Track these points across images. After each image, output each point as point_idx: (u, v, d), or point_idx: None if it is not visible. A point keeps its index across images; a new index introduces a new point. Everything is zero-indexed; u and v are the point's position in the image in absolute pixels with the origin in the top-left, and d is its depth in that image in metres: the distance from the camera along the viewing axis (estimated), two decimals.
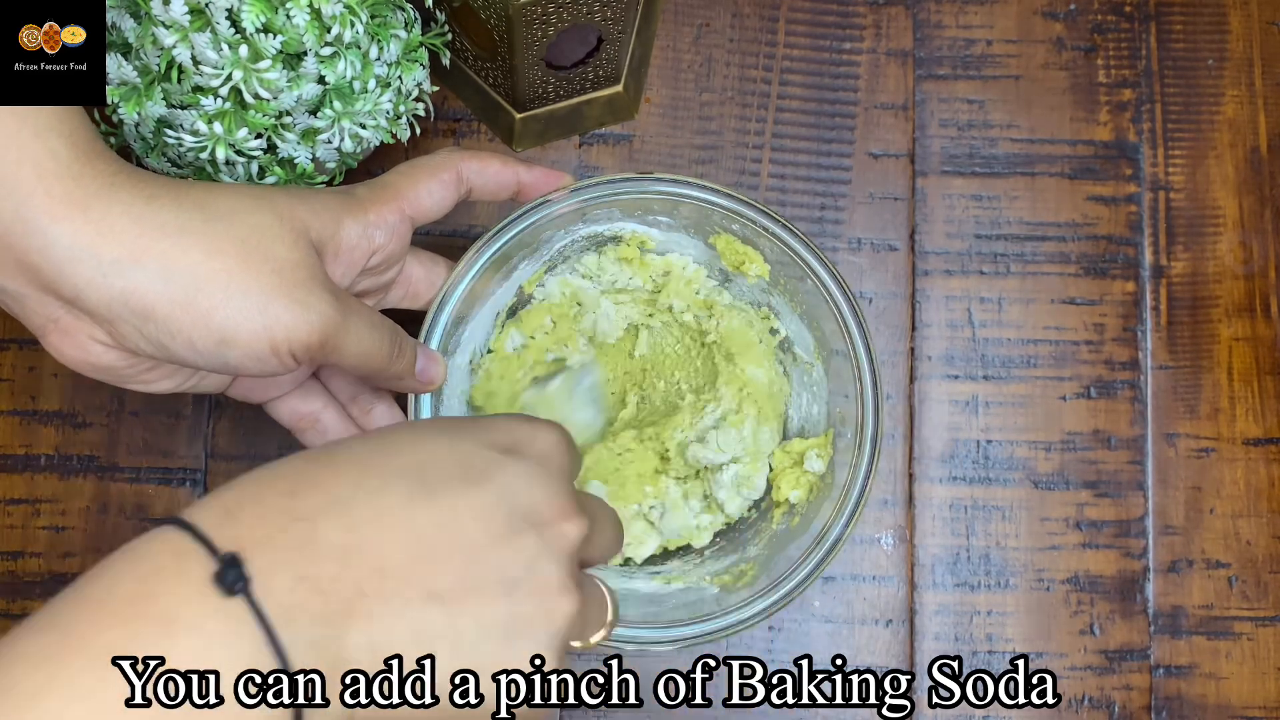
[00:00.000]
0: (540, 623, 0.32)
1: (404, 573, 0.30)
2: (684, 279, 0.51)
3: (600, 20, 0.48)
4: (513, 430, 0.35)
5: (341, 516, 0.30)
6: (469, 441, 0.34)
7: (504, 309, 0.50)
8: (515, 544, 0.32)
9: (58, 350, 0.37)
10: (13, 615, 0.52)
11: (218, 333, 0.36)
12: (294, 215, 0.38)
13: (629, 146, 0.56)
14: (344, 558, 0.30)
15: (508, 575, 0.32)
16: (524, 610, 0.32)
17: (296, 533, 0.30)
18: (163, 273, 0.35)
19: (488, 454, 0.33)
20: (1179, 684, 0.53)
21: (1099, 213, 0.56)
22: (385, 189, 0.42)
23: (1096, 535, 0.54)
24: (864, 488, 0.45)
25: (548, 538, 0.33)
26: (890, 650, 0.53)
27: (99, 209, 0.34)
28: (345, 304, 0.39)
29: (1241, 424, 0.55)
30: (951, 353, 0.55)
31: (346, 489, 0.31)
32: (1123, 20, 0.58)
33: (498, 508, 0.32)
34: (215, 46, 0.40)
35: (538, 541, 0.32)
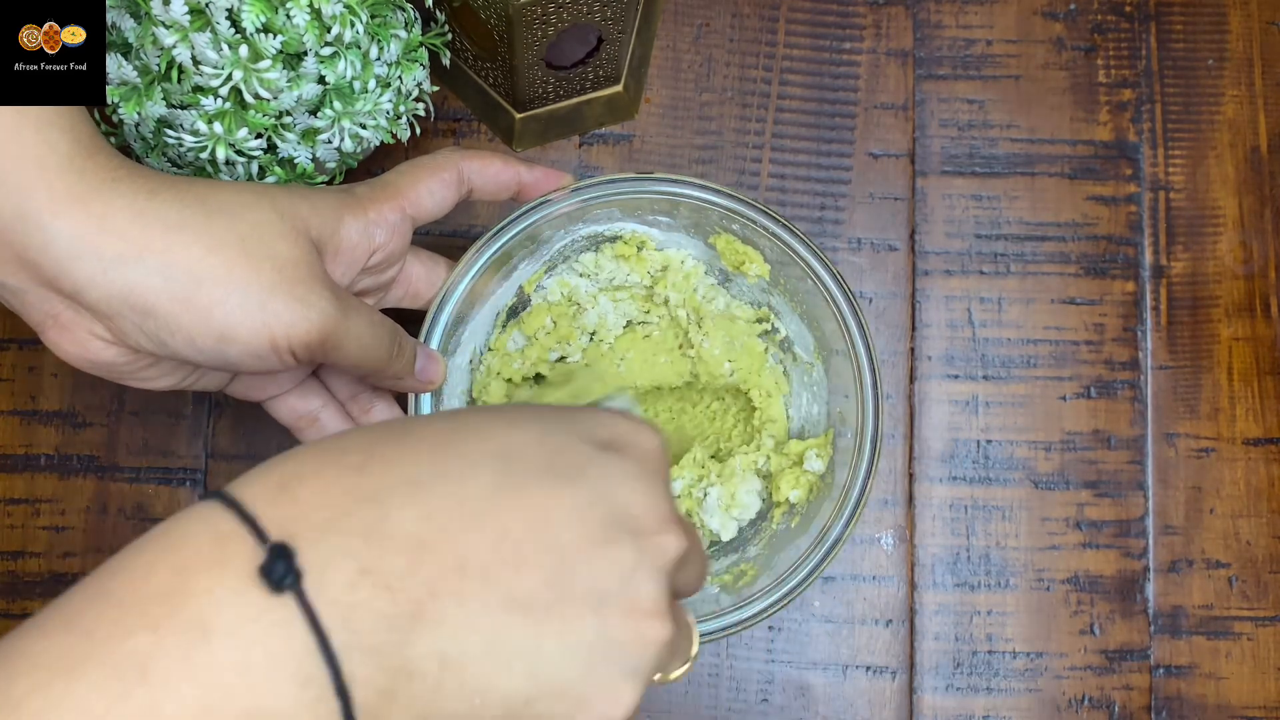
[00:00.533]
0: (631, 650, 0.28)
1: (484, 573, 0.26)
2: (682, 272, 0.51)
3: (600, 20, 0.48)
4: (614, 425, 0.31)
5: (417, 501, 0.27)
6: (564, 432, 0.30)
7: (504, 309, 0.50)
8: (611, 553, 0.28)
9: (57, 346, 0.37)
10: (13, 615, 0.52)
11: (218, 329, 0.36)
12: (295, 213, 0.38)
13: (629, 146, 0.56)
14: (418, 550, 0.26)
15: (600, 587, 0.28)
16: (614, 632, 0.28)
17: (363, 516, 0.26)
18: (163, 269, 0.35)
19: (585, 448, 0.29)
20: (1179, 684, 0.53)
21: (1099, 213, 0.56)
22: (386, 188, 0.42)
23: (1096, 535, 0.54)
24: (864, 488, 0.45)
25: (647, 550, 0.29)
26: (890, 650, 0.53)
27: (100, 204, 0.34)
28: (345, 302, 0.39)
29: (1241, 424, 0.55)
30: (951, 353, 0.55)
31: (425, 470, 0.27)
32: (1123, 20, 0.58)
33: (593, 509, 0.28)
34: (215, 46, 0.40)
35: (636, 553, 0.28)
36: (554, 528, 0.28)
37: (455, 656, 0.26)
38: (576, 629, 0.27)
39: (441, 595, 0.26)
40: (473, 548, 0.27)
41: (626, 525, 0.29)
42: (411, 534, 0.26)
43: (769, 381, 0.52)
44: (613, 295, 0.52)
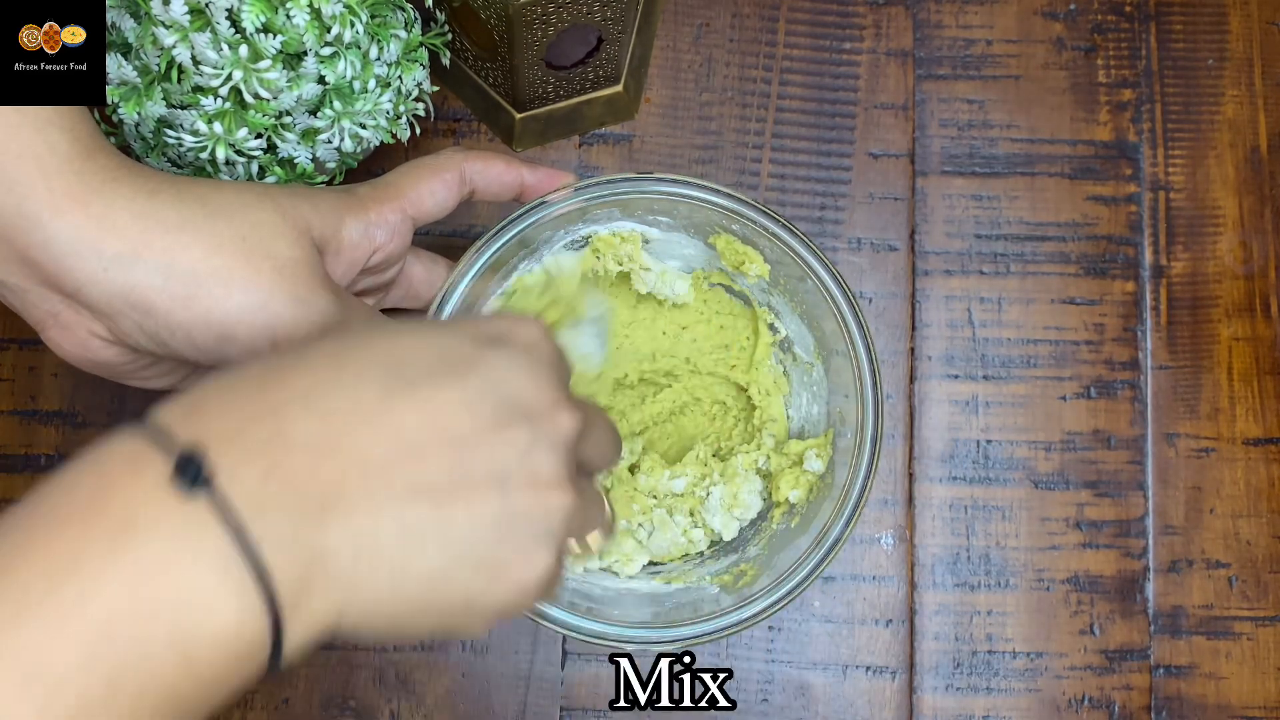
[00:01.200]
0: (537, 519, 0.30)
1: (386, 467, 0.28)
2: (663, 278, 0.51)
3: (600, 20, 0.48)
4: (495, 324, 0.33)
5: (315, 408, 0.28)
6: (449, 335, 0.31)
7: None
8: (505, 435, 0.30)
9: (57, 345, 0.37)
10: None
11: (218, 328, 0.36)
12: (296, 213, 0.38)
13: (629, 146, 0.56)
14: (319, 450, 0.27)
15: (499, 468, 0.29)
16: (518, 504, 0.30)
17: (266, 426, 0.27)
18: (164, 268, 0.35)
19: (471, 346, 0.31)
20: (1179, 684, 0.53)
21: (1099, 213, 0.56)
22: (387, 188, 0.42)
23: (1096, 535, 0.54)
24: (864, 488, 0.45)
25: (541, 429, 0.30)
26: (890, 650, 0.53)
27: (100, 204, 0.35)
28: (346, 302, 0.39)
29: (1241, 424, 0.55)
30: (951, 353, 0.55)
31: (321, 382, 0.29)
32: (1123, 20, 0.58)
33: (484, 398, 0.30)
34: (215, 46, 0.40)
35: (530, 432, 0.30)
36: (448, 420, 0.29)
37: (368, 543, 0.28)
38: (481, 505, 0.29)
39: (347, 489, 0.27)
40: (372, 446, 0.28)
41: (519, 410, 0.30)
42: (312, 438, 0.28)
43: (768, 381, 0.52)
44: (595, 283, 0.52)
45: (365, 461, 0.28)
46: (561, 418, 0.31)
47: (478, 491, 0.29)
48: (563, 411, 0.31)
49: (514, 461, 0.30)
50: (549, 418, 0.31)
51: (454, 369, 0.30)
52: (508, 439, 0.30)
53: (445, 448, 0.29)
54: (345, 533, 0.27)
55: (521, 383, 0.31)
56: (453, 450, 0.29)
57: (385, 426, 0.28)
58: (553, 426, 0.31)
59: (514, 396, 0.30)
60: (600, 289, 0.52)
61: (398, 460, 0.28)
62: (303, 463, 0.27)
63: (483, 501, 0.29)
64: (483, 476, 0.29)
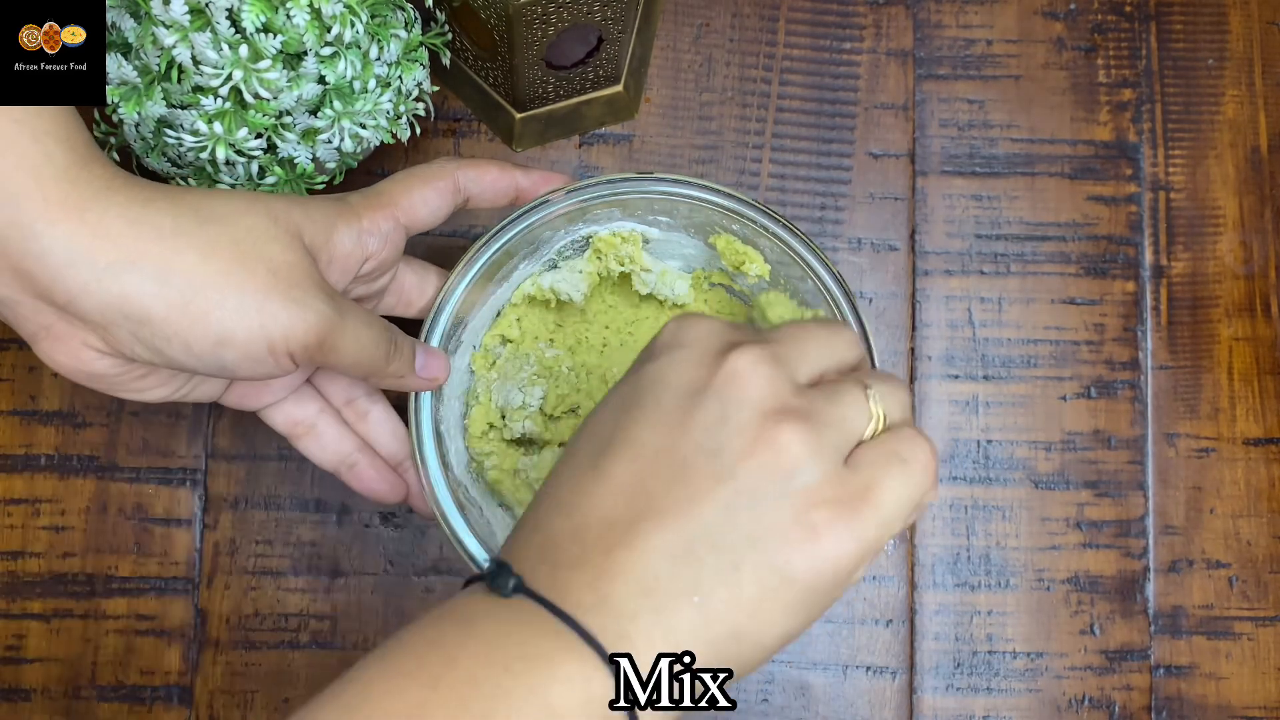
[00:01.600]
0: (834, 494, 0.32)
1: (710, 557, 0.31)
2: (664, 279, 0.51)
3: (600, 20, 0.48)
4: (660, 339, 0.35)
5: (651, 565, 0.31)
6: (680, 365, 0.33)
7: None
8: (721, 429, 0.32)
9: (50, 358, 0.37)
10: (13, 615, 0.52)
11: (214, 334, 0.36)
12: (289, 218, 0.38)
13: (629, 146, 0.56)
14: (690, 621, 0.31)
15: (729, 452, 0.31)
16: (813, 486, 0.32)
17: (636, 598, 0.31)
18: (158, 275, 0.35)
19: (697, 366, 0.33)
20: (1179, 684, 0.53)
21: (1099, 213, 0.56)
22: (380, 196, 0.42)
23: (1096, 535, 0.54)
24: None
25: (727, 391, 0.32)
26: (890, 650, 0.53)
27: (95, 213, 0.34)
28: (341, 304, 0.39)
29: (1242, 424, 0.55)
30: (951, 353, 0.55)
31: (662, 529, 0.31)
32: (1123, 20, 0.58)
33: (737, 410, 0.32)
34: (215, 46, 0.40)
35: (721, 405, 0.32)
36: (711, 443, 0.32)
37: (750, 648, 0.31)
38: (771, 524, 0.31)
39: (679, 601, 0.31)
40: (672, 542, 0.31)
41: (768, 411, 0.32)
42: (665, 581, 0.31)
43: None
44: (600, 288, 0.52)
45: (697, 581, 0.31)
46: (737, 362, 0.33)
47: (757, 508, 0.31)
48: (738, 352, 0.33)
49: (730, 439, 0.32)
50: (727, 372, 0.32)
51: (695, 397, 0.32)
52: (723, 429, 0.32)
53: (707, 475, 0.32)
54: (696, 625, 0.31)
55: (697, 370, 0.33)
56: (725, 492, 0.31)
57: (691, 517, 0.31)
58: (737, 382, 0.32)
59: (754, 399, 0.32)
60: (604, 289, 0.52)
61: (708, 545, 0.31)
62: (682, 623, 0.31)
63: (772, 518, 0.31)
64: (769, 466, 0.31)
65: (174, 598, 0.52)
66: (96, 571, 0.52)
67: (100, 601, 0.52)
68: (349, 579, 0.53)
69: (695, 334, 0.34)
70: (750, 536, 0.31)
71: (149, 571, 0.52)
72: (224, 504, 0.53)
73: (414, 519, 0.53)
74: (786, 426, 0.32)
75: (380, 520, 0.53)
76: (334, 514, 0.53)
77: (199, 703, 0.52)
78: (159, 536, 0.53)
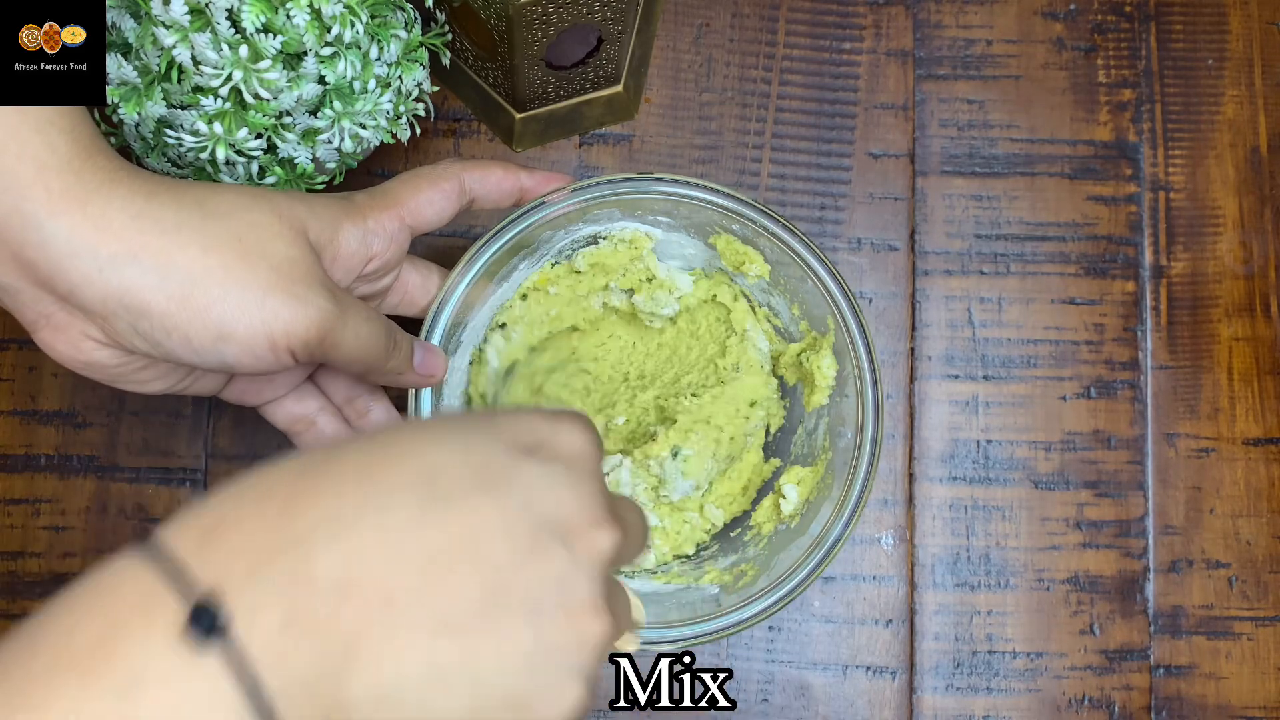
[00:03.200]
0: (571, 651, 0.28)
1: (412, 601, 0.26)
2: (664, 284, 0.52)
3: (600, 20, 0.48)
4: (534, 428, 0.31)
5: (339, 539, 0.26)
6: (485, 442, 0.29)
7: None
8: (542, 561, 0.28)
9: (50, 347, 0.37)
10: (13, 615, 0.52)
11: (215, 328, 0.36)
12: (292, 214, 0.38)
13: (629, 146, 0.56)
14: (343, 590, 0.26)
15: (533, 596, 0.27)
16: (551, 636, 0.28)
17: (287, 561, 0.26)
18: (159, 269, 0.35)
19: (508, 458, 0.29)
20: (1179, 684, 0.53)
21: (1099, 213, 0.56)
22: (385, 196, 0.42)
23: (1096, 535, 0.54)
24: (864, 488, 0.45)
25: (579, 551, 0.28)
26: (890, 650, 0.53)
27: (98, 205, 0.34)
28: (342, 300, 0.39)
29: (1241, 424, 0.55)
30: (951, 353, 0.55)
31: (347, 504, 0.27)
32: (1123, 20, 0.58)
33: (520, 519, 0.28)
34: (215, 46, 0.40)
35: (567, 556, 0.28)
36: (482, 544, 0.27)
37: (391, 690, 0.26)
38: (512, 640, 0.27)
39: (370, 632, 0.26)
40: (399, 578, 0.26)
41: (556, 530, 0.28)
42: (336, 575, 0.26)
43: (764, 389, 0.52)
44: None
45: (390, 597, 0.26)
46: (600, 536, 0.29)
47: (509, 623, 0.27)
48: (601, 529, 0.29)
49: (550, 589, 0.28)
50: (588, 537, 0.29)
51: (489, 484, 0.28)
52: (544, 564, 0.28)
53: (476, 575, 0.27)
54: (367, 682, 0.26)
55: (560, 499, 0.29)
56: (484, 578, 0.27)
57: (413, 554, 0.27)
58: (591, 546, 0.29)
59: (551, 515, 0.28)
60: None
61: (425, 592, 0.26)
62: (325, 606, 0.26)
63: (514, 635, 0.27)
64: (515, 606, 0.27)
65: None
66: None
67: None
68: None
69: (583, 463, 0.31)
70: (516, 697, 0.28)
71: None
72: None
73: None
74: (595, 622, 0.29)
75: None
76: None
77: None
78: None
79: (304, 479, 0.28)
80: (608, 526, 0.29)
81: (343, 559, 0.26)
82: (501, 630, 0.27)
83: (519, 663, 0.27)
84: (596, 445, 0.32)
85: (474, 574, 0.27)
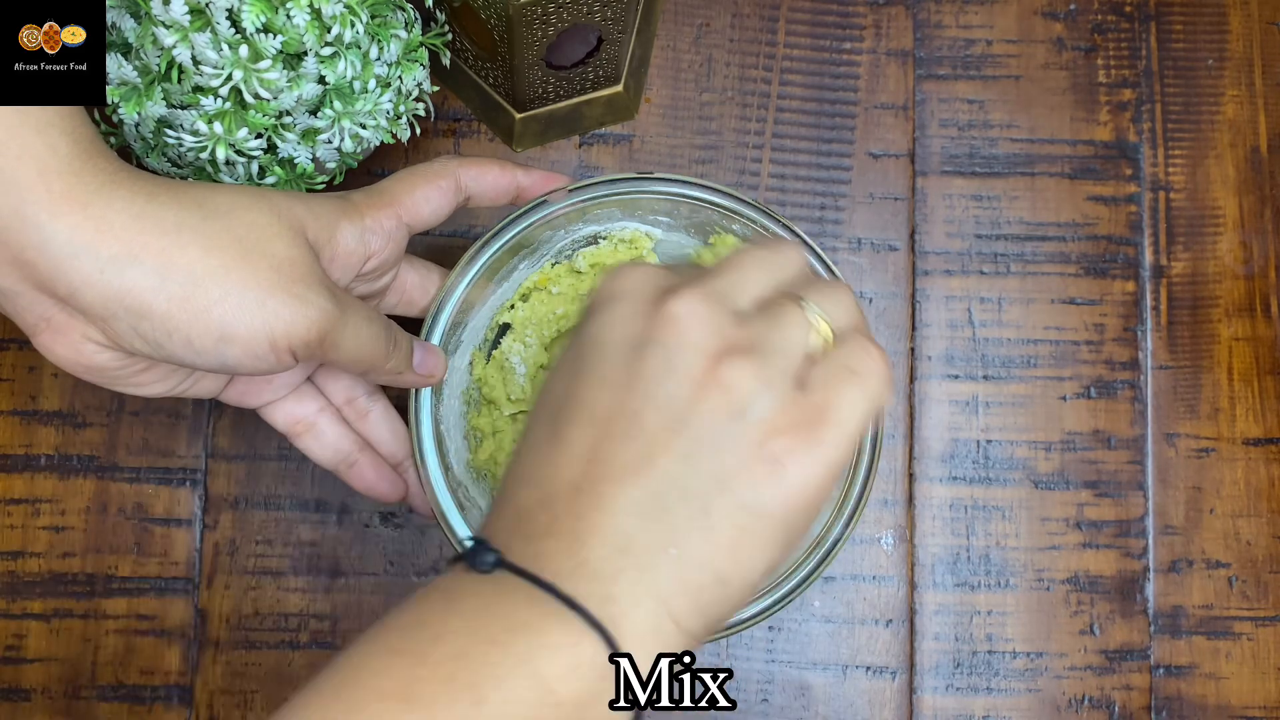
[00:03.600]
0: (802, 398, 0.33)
1: (682, 505, 0.31)
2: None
3: (600, 20, 0.48)
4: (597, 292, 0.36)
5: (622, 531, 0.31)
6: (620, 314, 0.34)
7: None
8: (725, 371, 0.32)
9: (49, 350, 0.37)
10: (13, 615, 0.52)
11: (216, 329, 0.36)
12: (292, 214, 0.38)
13: (629, 146, 0.56)
14: (671, 574, 0.31)
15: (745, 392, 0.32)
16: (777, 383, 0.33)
17: (630, 557, 0.31)
18: (160, 270, 0.35)
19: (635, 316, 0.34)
20: (1179, 684, 0.53)
21: (1099, 213, 0.56)
22: (382, 195, 0.42)
23: (1096, 535, 0.54)
24: (864, 488, 0.45)
25: (661, 333, 0.33)
26: (890, 650, 0.53)
27: (99, 206, 0.34)
28: (343, 300, 0.39)
29: (1241, 424, 0.55)
30: (951, 353, 0.55)
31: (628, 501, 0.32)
32: (1123, 20, 0.58)
33: (676, 354, 0.32)
34: (215, 46, 0.40)
35: (663, 351, 0.33)
36: (661, 382, 0.32)
37: (736, 588, 0.32)
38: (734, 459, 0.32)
39: (689, 587, 0.31)
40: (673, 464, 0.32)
41: (655, 338, 0.33)
42: (645, 535, 0.31)
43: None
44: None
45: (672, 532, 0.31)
46: (673, 307, 0.33)
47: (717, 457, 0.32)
48: (674, 299, 0.34)
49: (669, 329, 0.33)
50: (663, 311, 0.33)
51: (637, 350, 0.33)
52: (732, 372, 0.32)
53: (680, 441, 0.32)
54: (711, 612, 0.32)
55: (635, 320, 0.34)
56: (687, 433, 0.32)
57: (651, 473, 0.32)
58: (666, 320, 0.33)
59: (695, 342, 0.33)
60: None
61: (680, 488, 0.32)
62: (672, 588, 0.31)
63: (732, 457, 0.32)
64: (709, 434, 0.32)
65: (174, 598, 0.52)
66: (96, 571, 0.52)
67: (100, 601, 0.52)
68: (349, 579, 0.53)
69: (629, 285, 0.35)
70: (715, 479, 0.31)
71: (149, 571, 0.52)
72: (224, 504, 0.53)
73: (414, 519, 0.53)
74: (732, 363, 0.32)
75: (380, 520, 0.53)
76: (334, 514, 0.53)
77: (199, 703, 0.52)
78: (159, 536, 0.53)
79: (543, 479, 0.33)
80: (681, 294, 0.34)
81: (642, 544, 0.31)
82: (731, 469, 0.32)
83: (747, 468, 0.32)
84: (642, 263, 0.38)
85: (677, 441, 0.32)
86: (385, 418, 0.47)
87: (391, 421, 0.47)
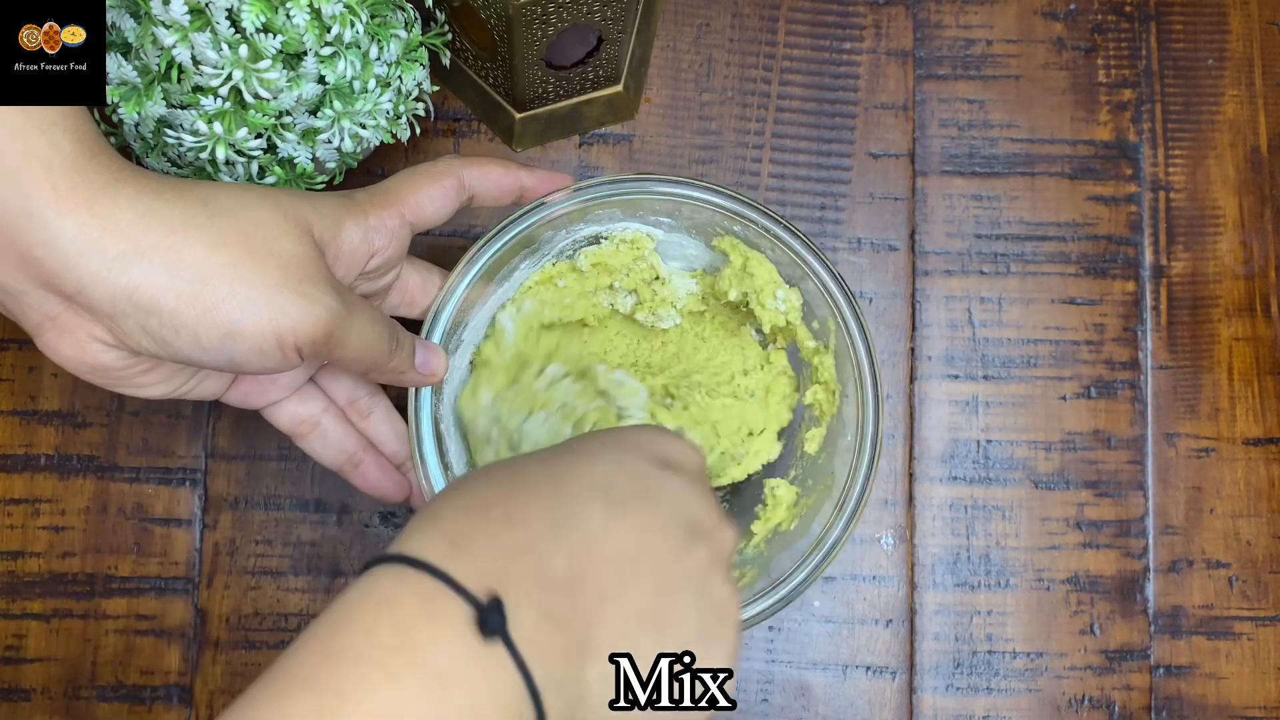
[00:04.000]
0: (725, 633, 0.34)
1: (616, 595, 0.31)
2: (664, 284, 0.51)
3: (600, 20, 0.48)
4: (666, 446, 0.36)
5: (559, 546, 0.31)
6: (636, 459, 0.35)
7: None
8: (690, 556, 0.33)
9: (54, 350, 0.37)
10: (13, 615, 0.52)
11: (224, 326, 0.36)
12: (298, 212, 0.38)
13: (629, 146, 0.56)
14: (571, 588, 0.30)
15: (690, 586, 0.33)
16: (708, 623, 0.33)
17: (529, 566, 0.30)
18: (168, 267, 0.35)
19: (655, 471, 0.35)
20: (1179, 684, 0.53)
21: (1099, 213, 0.56)
22: (386, 194, 0.42)
23: (1096, 535, 0.54)
24: (864, 488, 0.45)
25: (713, 547, 0.34)
26: (890, 650, 0.53)
27: (105, 203, 0.34)
28: (348, 299, 0.39)
29: (1241, 424, 0.55)
30: (951, 353, 0.55)
31: (558, 516, 0.31)
32: (1123, 20, 0.58)
33: (673, 521, 0.33)
34: (215, 46, 0.40)
35: (708, 552, 0.34)
36: (650, 545, 0.33)
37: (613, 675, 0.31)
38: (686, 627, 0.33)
39: (594, 623, 0.30)
40: (603, 577, 0.31)
41: (697, 531, 0.34)
42: (563, 575, 0.30)
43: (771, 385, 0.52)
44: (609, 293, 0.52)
45: (602, 593, 0.31)
46: (726, 534, 0.35)
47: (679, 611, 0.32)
48: (726, 529, 0.35)
49: (699, 580, 0.33)
50: (718, 535, 0.35)
51: (647, 494, 0.34)
52: (692, 558, 0.33)
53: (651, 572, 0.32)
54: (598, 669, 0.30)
55: (696, 505, 0.35)
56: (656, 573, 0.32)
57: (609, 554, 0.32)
58: (721, 543, 0.35)
59: (691, 519, 0.34)
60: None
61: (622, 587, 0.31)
62: (563, 604, 0.30)
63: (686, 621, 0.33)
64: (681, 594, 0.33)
65: (174, 598, 0.52)
66: (96, 571, 0.52)
67: (100, 601, 0.52)
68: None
69: (702, 476, 0.37)
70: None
71: (149, 571, 0.52)
72: (224, 504, 0.53)
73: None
74: (736, 607, 0.35)
75: (380, 520, 0.53)
76: (334, 514, 0.53)
77: (199, 703, 0.52)
78: (159, 536, 0.53)
79: (509, 494, 0.32)
80: (729, 526, 0.36)
81: (567, 560, 0.31)
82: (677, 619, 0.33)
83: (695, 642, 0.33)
84: (703, 457, 0.38)
85: (650, 571, 0.32)
86: (387, 418, 0.47)
87: (394, 422, 0.47)
